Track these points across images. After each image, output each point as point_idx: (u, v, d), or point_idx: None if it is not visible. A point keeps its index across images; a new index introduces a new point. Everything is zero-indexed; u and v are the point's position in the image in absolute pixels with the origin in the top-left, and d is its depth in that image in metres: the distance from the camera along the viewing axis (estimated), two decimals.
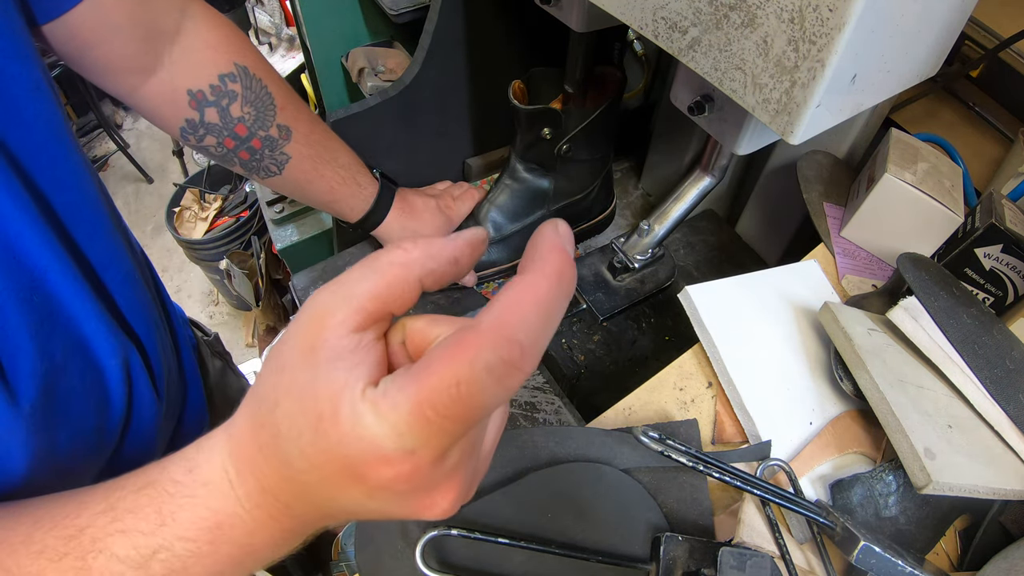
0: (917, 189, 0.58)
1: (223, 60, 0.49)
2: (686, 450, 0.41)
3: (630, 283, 0.66)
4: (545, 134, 0.63)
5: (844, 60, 0.32)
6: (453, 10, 0.64)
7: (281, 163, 0.55)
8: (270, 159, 0.55)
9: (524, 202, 0.71)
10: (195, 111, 0.48)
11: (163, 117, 0.49)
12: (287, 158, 0.55)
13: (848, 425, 0.49)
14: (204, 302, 2.03)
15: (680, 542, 0.39)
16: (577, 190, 0.72)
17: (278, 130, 0.53)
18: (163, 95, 0.47)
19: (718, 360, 0.52)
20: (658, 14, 0.39)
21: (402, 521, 0.42)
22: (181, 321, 0.61)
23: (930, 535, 0.46)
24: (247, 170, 0.55)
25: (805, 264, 0.61)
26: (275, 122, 0.53)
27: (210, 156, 0.53)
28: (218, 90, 0.49)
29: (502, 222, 0.71)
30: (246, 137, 0.52)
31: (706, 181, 0.58)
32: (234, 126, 0.51)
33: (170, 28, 0.46)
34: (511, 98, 0.62)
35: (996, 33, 0.63)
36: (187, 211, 1.72)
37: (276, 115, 0.53)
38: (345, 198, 0.62)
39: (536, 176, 0.69)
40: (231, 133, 0.51)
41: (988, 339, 0.50)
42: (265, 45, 1.30)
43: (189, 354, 0.56)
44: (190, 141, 0.51)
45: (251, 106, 0.51)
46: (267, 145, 0.53)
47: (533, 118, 0.62)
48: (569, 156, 0.66)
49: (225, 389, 0.69)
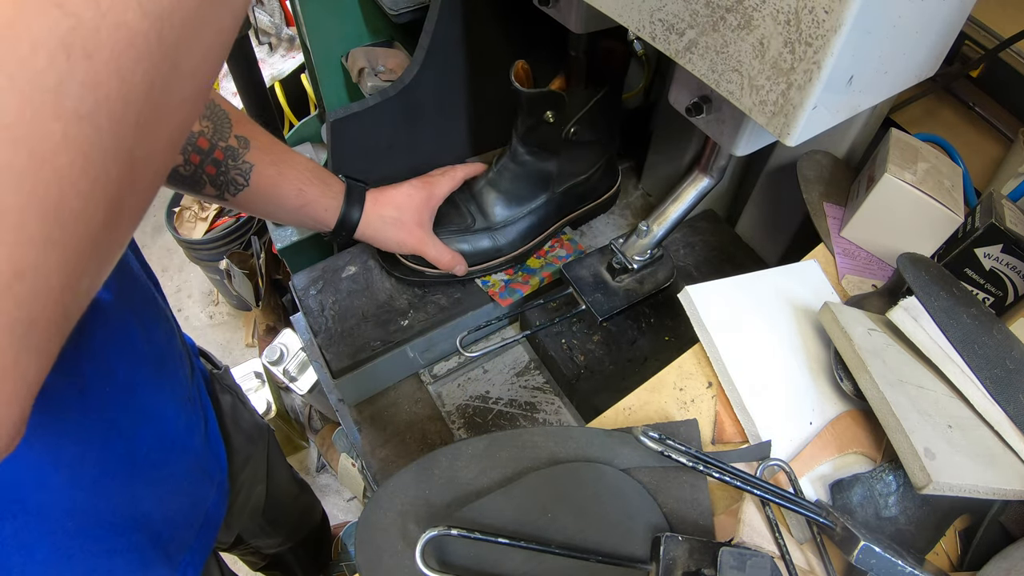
0: (917, 189, 0.58)
1: None
2: (686, 450, 0.41)
3: (629, 284, 0.66)
4: (548, 117, 0.62)
5: (840, 62, 0.32)
6: (453, 10, 0.64)
7: (246, 172, 0.57)
8: (235, 169, 0.56)
9: (527, 185, 0.70)
10: None
11: None
12: (250, 166, 0.57)
13: (848, 425, 0.49)
14: (204, 302, 2.03)
15: (680, 542, 0.39)
16: (581, 171, 0.71)
17: (236, 140, 0.56)
18: None
19: (718, 360, 0.52)
20: (655, 16, 0.39)
21: (402, 521, 0.43)
22: (194, 352, 0.63)
23: (930, 535, 0.46)
24: (216, 187, 0.56)
25: (805, 264, 0.61)
26: (232, 133, 0.55)
27: (180, 183, 0.55)
28: None
29: (505, 208, 0.70)
30: (209, 149, 0.54)
31: (705, 182, 0.58)
32: (196, 139, 0.53)
33: None
34: (513, 81, 0.61)
35: (996, 33, 0.63)
36: (187, 211, 1.72)
37: (232, 127, 0.55)
38: (316, 198, 0.62)
39: (539, 159, 0.68)
40: (194, 147, 0.53)
41: (988, 339, 0.50)
42: (265, 45, 1.30)
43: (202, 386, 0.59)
44: None
45: (208, 120, 0.54)
46: (229, 155, 0.55)
47: (535, 101, 0.61)
48: (574, 139, 0.65)
49: (239, 422, 0.70)
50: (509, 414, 0.67)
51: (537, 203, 0.71)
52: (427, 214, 0.68)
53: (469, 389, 0.71)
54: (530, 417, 0.67)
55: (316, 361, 0.74)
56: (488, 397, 0.70)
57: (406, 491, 0.44)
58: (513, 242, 0.72)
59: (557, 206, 0.73)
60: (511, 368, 0.73)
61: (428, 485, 0.44)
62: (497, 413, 0.67)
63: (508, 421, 0.67)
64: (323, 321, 0.70)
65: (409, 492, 0.44)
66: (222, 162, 0.55)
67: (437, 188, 0.69)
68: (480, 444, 0.46)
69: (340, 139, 0.68)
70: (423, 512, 0.43)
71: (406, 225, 0.67)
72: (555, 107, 0.62)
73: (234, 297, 1.85)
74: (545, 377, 0.70)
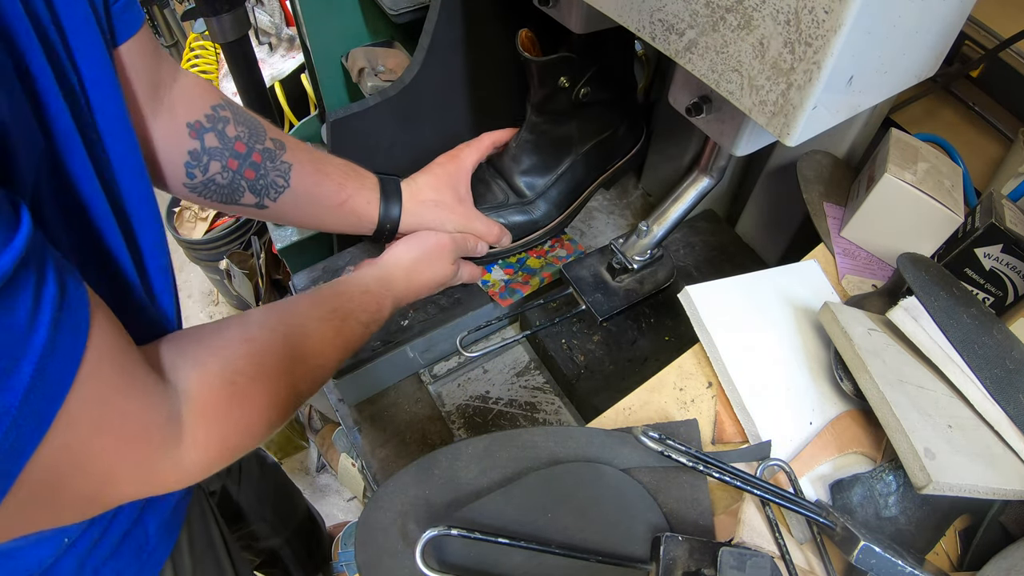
0: (917, 189, 0.58)
1: (212, 95, 0.54)
2: (686, 450, 0.41)
3: (629, 284, 0.66)
4: (563, 83, 0.61)
5: (840, 62, 0.32)
6: (453, 10, 0.64)
7: (285, 172, 0.56)
8: (274, 171, 0.56)
9: (551, 151, 0.69)
10: (196, 140, 0.52)
11: (167, 154, 0.51)
12: (289, 165, 0.57)
13: (848, 425, 0.49)
14: (204, 302, 2.03)
15: (680, 542, 0.39)
16: (602, 128, 0.70)
17: (273, 143, 0.56)
18: (166, 132, 0.51)
19: (718, 360, 0.52)
20: (655, 16, 0.39)
21: (402, 521, 0.43)
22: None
23: (930, 535, 0.46)
24: (256, 194, 0.56)
25: (805, 264, 0.61)
26: (268, 136, 0.56)
27: (217, 194, 0.55)
28: (213, 117, 0.53)
29: (534, 178, 0.70)
30: (246, 153, 0.54)
31: (705, 182, 0.58)
32: (233, 144, 0.54)
33: (168, 77, 0.51)
34: (520, 51, 0.59)
35: (996, 33, 0.63)
36: (187, 211, 1.72)
37: (267, 132, 0.56)
38: (357, 190, 0.61)
39: (557, 125, 0.67)
40: (231, 152, 0.53)
41: (988, 339, 0.50)
42: (265, 45, 1.30)
43: None
44: (196, 178, 0.53)
45: (243, 126, 0.54)
46: (267, 157, 0.55)
47: (547, 69, 0.60)
48: (586, 99, 0.64)
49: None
50: (509, 414, 0.67)
51: (563, 167, 0.70)
52: (463, 188, 0.67)
53: (469, 389, 0.71)
54: (530, 417, 0.67)
55: None
56: (488, 397, 0.70)
57: (406, 491, 0.44)
58: (549, 212, 0.71)
59: (585, 167, 0.72)
60: (511, 368, 0.73)
61: (428, 485, 0.44)
62: (497, 413, 0.67)
63: (508, 421, 0.67)
64: None
65: (409, 492, 0.44)
66: (260, 164, 0.55)
67: (465, 159, 0.68)
68: (480, 444, 0.46)
69: (340, 139, 0.68)
70: (423, 512, 0.43)
71: (447, 204, 0.66)
72: (568, 71, 0.60)
73: (234, 297, 1.85)
74: (545, 377, 0.70)
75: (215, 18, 0.89)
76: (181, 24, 1.80)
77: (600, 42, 0.60)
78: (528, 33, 0.61)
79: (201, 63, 1.46)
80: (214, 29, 0.91)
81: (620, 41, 0.62)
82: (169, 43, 1.85)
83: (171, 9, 1.75)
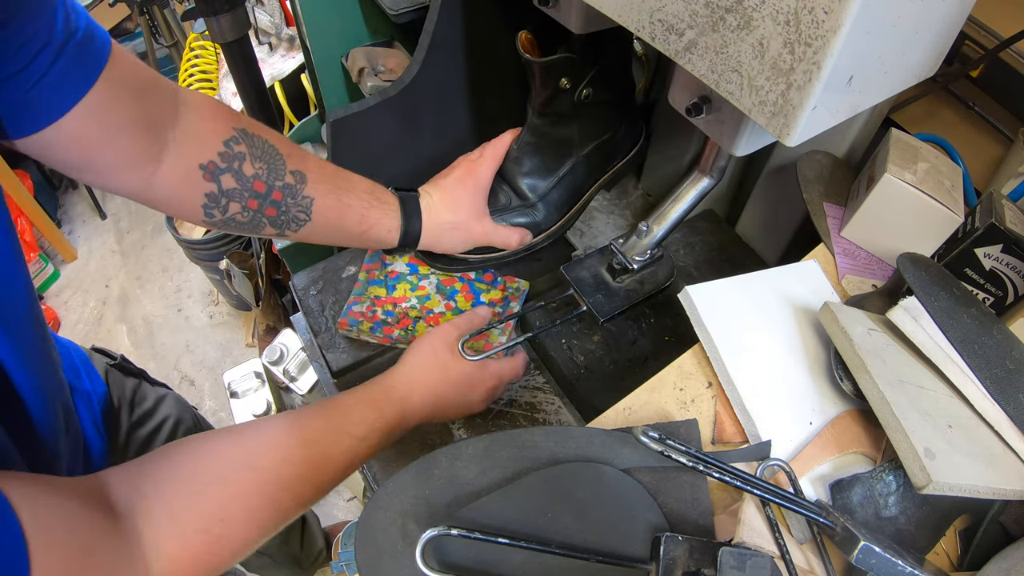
0: (917, 189, 0.58)
1: (222, 128, 0.50)
2: (686, 450, 0.41)
3: (629, 284, 0.66)
4: (564, 84, 0.61)
5: (840, 62, 0.32)
6: (453, 10, 0.64)
7: (307, 207, 0.55)
8: (295, 207, 0.55)
9: (552, 153, 0.69)
10: (212, 183, 0.49)
11: (182, 200, 0.50)
12: (310, 200, 0.55)
13: (848, 425, 0.49)
14: (204, 302, 2.03)
15: (680, 542, 0.39)
16: (602, 130, 0.70)
17: (293, 176, 0.54)
18: (177, 178, 0.48)
19: (718, 360, 0.52)
20: (655, 16, 0.39)
21: (402, 521, 0.43)
22: (80, 359, 0.64)
23: (930, 535, 0.46)
24: (279, 228, 0.55)
25: (805, 264, 0.61)
26: (287, 169, 0.53)
27: (238, 229, 0.54)
28: (227, 155, 0.50)
29: (536, 180, 0.70)
30: (266, 192, 0.52)
31: (705, 182, 0.58)
32: (251, 184, 0.51)
33: (169, 115, 0.48)
34: (521, 52, 0.59)
35: (996, 33, 0.63)
36: None
37: (286, 163, 0.53)
38: (379, 219, 0.61)
39: (558, 126, 0.67)
40: (251, 192, 0.51)
41: (988, 339, 0.50)
42: (265, 45, 1.30)
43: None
44: (215, 217, 0.51)
45: (261, 161, 0.52)
46: (288, 193, 0.54)
47: (548, 70, 0.60)
48: (587, 100, 0.64)
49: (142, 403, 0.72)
50: (509, 414, 0.67)
51: (564, 169, 0.70)
52: (481, 203, 0.67)
53: None
54: (530, 417, 0.67)
55: (316, 361, 0.74)
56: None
57: (406, 491, 0.44)
58: (550, 216, 0.72)
59: (585, 170, 0.72)
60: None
61: (428, 485, 0.44)
62: (497, 413, 0.67)
63: (508, 421, 0.67)
64: (323, 321, 0.70)
65: (409, 492, 0.44)
66: (281, 202, 0.53)
67: (482, 174, 0.67)
68: (480, 444, 0.46)
69: (340, 139, 0.68)
70: (423, 512, 0.43)
71: (465, 225, 0.66)
72: (569, 71, 0.60)
73: (234, 297, 1.85)
74: (545, 377, 0.70)
75: (215, 18, 0.89)
76: (181, 24, 1.80)
77: (600, 42, 0.60)
78: (527, 35, 0.61)
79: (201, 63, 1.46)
80: (214, 29, 0.91)
81: (620, 41, 0.62)
82: (169, 43, 1.85)
83: (171, 9, 1.75)
